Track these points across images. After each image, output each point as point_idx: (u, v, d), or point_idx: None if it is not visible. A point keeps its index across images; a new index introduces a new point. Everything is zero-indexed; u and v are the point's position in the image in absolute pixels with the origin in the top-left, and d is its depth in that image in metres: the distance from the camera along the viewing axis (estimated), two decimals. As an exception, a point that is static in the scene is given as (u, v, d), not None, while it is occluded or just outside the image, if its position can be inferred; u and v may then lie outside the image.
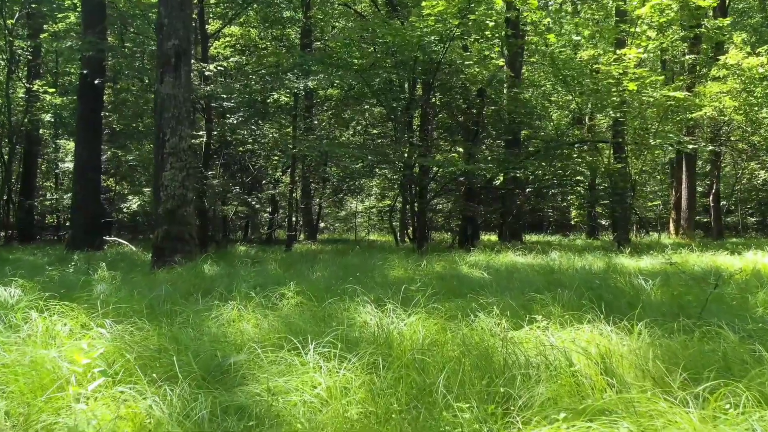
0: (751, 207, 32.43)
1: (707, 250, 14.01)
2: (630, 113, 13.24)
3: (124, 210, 20.63)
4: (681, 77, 14.08)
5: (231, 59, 16.46)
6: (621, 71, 13.02)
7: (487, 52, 16.20)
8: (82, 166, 15.51)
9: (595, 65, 13.53)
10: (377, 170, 20.93)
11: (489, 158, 16.64)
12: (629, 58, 12.71)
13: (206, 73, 15.19)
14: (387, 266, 9.07)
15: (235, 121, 15.20)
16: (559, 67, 13.90)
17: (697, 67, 18.31)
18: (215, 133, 17.21)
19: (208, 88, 15.01)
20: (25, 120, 21.58)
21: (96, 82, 15.00)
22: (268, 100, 18.16)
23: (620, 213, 14.10)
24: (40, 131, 25.69)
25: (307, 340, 3.63)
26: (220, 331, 4.04)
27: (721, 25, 14.20)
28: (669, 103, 13.47)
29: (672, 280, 7.78)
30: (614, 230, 21.79)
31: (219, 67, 15.27)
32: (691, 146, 14.32)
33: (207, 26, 19.49)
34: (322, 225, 30.65)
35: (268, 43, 21.47)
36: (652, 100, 13.05)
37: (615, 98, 13.48)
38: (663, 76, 13.92)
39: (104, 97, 20.80)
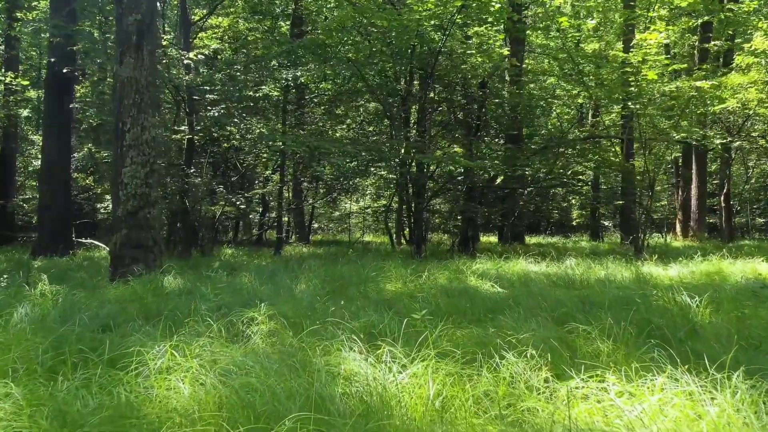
0: (758, 207, 31.30)
1: (733, 255, 12.76)
2: (650, 105, 12.03)
3: (101, 210, 19.29)
4: (704, 66, 12.86)
5: (213, 47, 15.10)
6: (640, 58, 11.78)
7: (491, 41, 14.96)
8: (49, 163, 14.16)
9: (611, 52, 12.29)
10: (372, 169, 19.71)
11: (492, 155, 15.38)
12: (650, 44, 11.48)
13: (185, 61, 13.88)
14: (382, 277, 7.80)
15: (216, 114, 13.85)
16: (571, 55, 12.65)
17: (710, 57, 17.12)
18: (198, 127, 15.92)
19: (188, 77, 13.70)
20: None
21: (64, 71, 13.66)
22: (257, 94, 16.88)
23: (638, 214, 12.82)
24: (25, 127, 24.29)
25: (263, 413, 2.36)
26: (134, 397, 2.76)
27: (748, 9, 12.99)
28: (692, 94, 12.25)
29: (720, 296, 6.52)
30: (622, 232, 20.59)
31: (200, 55, 13.93)
32: (718, 141, 13.12)
33: (192, 16, 18.22)
34: (315, 226, 29.37)
35: (258, 36, 20.15)
36: (675, 90, 11.81)
37: (633, 88, 12.25)
38: (686, 65, 12.68)
39: (82, 90, 19.52)
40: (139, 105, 7.95)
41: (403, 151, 14.08)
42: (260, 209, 23.04)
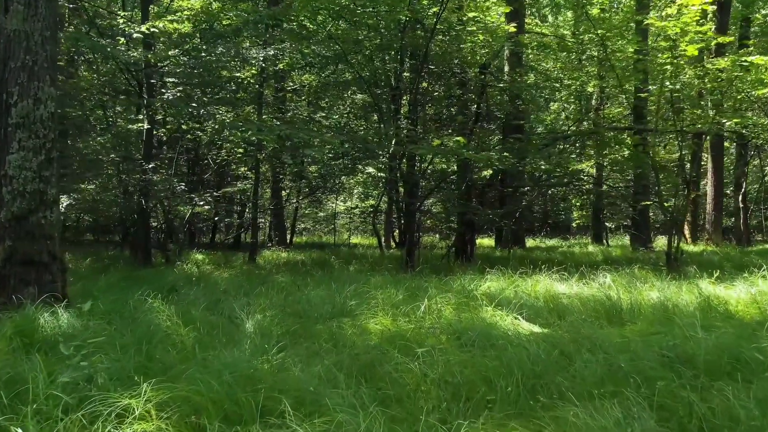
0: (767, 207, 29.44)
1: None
2: (690, 87, 10.06)
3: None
4: (752, 41, 10.88)
5: (170, 18, 12.79)
6: (678, 30, 9.74)
7: (495, 16, 12.91)
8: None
9: (645, 21, 10.24)
10: (360, 166, 17.59)
11: (496, 147, 13.29)
12: (693, 10, 9.46)
13: (134, 36, 11.66)
14: (365, 308, 5.67)
15: (171, 97, 11.59)
16: (592, 22, 10.58)
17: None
18: (159, 117, 13.70)
19: (136, 53, 11.47)
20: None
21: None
22: (228, 83, 14.71)
23: (673, 216, 10.76)
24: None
25: None
26: None
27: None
28: (736, 74, 10.25)
29: None
30: (636, 235, 18.70)
31: (153, 29, 11.67)
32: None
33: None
34: (301, 226, 27.22)
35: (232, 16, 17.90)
36: (722, 67, 9.80)
37: (668, 67, 10.22)
38: (733, 37, 10.68)
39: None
40: (32, 69, 5.76)
41: (393, 142, 11.95)
42: (237, 210, 20.85)
